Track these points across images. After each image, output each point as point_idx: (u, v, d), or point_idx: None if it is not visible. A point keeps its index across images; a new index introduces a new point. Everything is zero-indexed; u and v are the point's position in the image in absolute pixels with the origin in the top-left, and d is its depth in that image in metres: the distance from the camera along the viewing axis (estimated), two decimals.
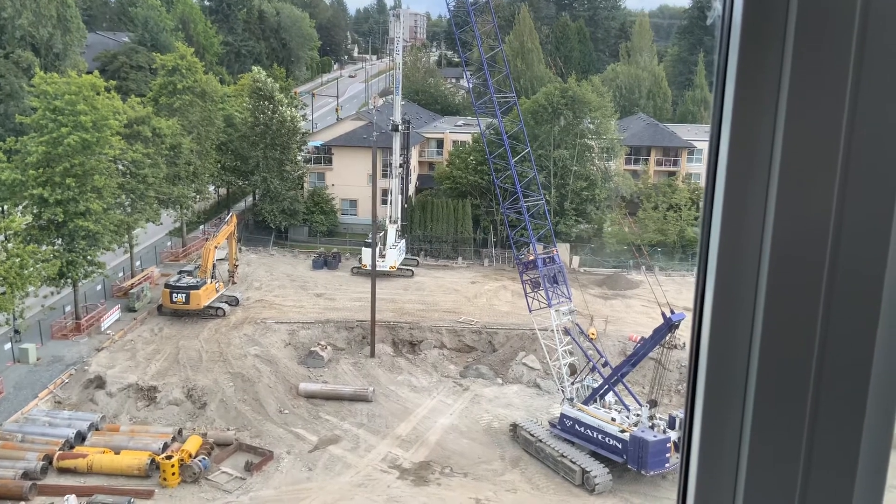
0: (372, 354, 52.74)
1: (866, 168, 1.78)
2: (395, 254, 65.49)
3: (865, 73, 1.74)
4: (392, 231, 66.72)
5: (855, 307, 1.82)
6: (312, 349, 52.35)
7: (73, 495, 36.47)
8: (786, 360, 1.87)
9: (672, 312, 39.45)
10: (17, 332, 50.41)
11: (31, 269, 45.40)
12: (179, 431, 43.09)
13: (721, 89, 1.90)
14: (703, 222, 1.99)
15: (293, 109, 76.84)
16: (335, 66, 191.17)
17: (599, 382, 43.34)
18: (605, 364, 44.85)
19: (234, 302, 57.84)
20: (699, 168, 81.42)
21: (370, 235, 61.15)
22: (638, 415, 41.42)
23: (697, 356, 2.03)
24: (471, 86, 55.15)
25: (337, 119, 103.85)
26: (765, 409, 1.90)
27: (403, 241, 68.45)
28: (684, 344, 49.52)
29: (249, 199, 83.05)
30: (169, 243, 72.14)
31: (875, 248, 1.80)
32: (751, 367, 1.91)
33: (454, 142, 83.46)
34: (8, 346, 49.50)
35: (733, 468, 1.98)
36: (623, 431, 40.46)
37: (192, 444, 40.70)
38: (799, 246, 1.82)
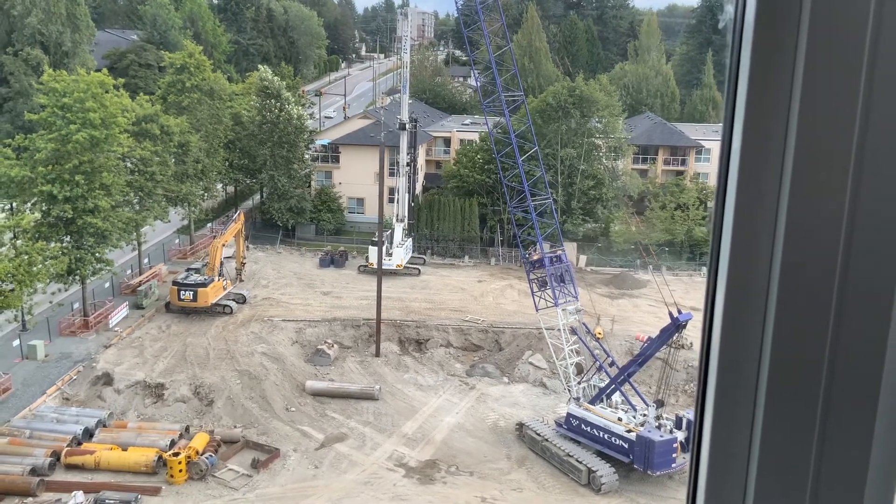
0: (377, 353, 52.78)
1: (879, 168, 1.77)
2: (401, 252, 65.50)
3: (879, 74, 1.73)
4: (399, 229, 66.73)
5: (867, 308, 1.82)
6: (319, 347, 52.43)
7: (81, 491, 36.58)
8: (797, 360, 1.87)
9: (679, 312, 39.33)
10: (24, 327, 50.68)
11: (40, 266, 45.56)
12: (187, 428, 43.21)
13: (733, 89, 1.90)
14: (714, 222, 1.99)
15: (300, 108, 76.97)
16: (343, 65, 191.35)
17: (606, 382, 43.27)
18: (612, 363, 44.76)
19: (241, 300, 57.96)
20: (707, 167, 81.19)
21: (377, 234, 61.16)
22: (644, 415, 41.32)
23: (708, 356, 2.03)
24: (479, 84, 55.11)
25: (344, 117, 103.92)
26: (776, 411, 1.90)
27: (410, 239, 68.46)
28: (691, 344, 49.43)
29: (257, 197, 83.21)
30: (177, 241, 72.33)
31: (889, 248, 1.79)
32: (762, 368, 1.91)
33: (461, 140, 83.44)
34: (16, 342, 49.72)
35: (743, 469, 1.98)
36: (629, 431, 40.39)
37: (200, 441, 40.78)
38: (811, 246, 1.81)
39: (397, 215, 67.98)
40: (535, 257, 47.56)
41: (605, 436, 41.12)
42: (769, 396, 1.90)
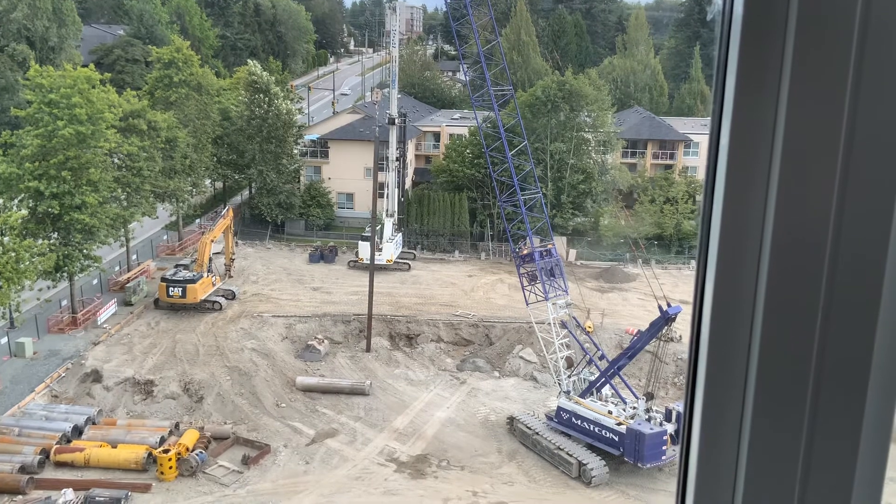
0: (368, 348, 52.75)
1: (867, 161, 1.77)
2: (391, 247, 65.42)
3: (867, 67, 1.73)
4: (389, 225, 66.62)
5: (855, 301, 1.82)
6: (309, 343, 52.35)
7: (71, 489, 36.47)
8: (786, 354, 1.87)
9: (668, 305, 39.49)
10: (12, 325, 50.39)
11: (27, 263, 45.27)
12: (176, 425, 43.09)
13: (721, 83, 1.89)
14: (703, 216, 1.99)
15: (289, 103, 76.71)
16: (331, 59, 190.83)
17: (596, 375, 43.42)
18: (602, 357, 44.92)
19: (230, 296, 57.78)
20: (695, 161, 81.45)
21: (367, 229, 61.04)
22: (634, 407, 41.50)
23: (697, 351, 2.03)
24: (468, 79, 55.10)
25: (333, 112, 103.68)
26: (765, 405, 1.90)
27: (400, 234, 68.38)
28: (680, 337, 49.63)
29: (246, 192, 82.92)
30: (165, 237, 72.01)
31: (876, 241, 1.79)
32: (751, 362, 1.91)
33: (451, 135, 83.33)
34: (4, 340, 49.43)
35: (733, 463, 1.98)
36: (620, 424, 40.54)
37: (189, 437, 40.70)
38: (799, 240, 1.81)
39: (387, 210, 67.87)
40: (525, 251, 47.61)
41: (596, 429, 41.27)
42: (758, 390, 1.90)
